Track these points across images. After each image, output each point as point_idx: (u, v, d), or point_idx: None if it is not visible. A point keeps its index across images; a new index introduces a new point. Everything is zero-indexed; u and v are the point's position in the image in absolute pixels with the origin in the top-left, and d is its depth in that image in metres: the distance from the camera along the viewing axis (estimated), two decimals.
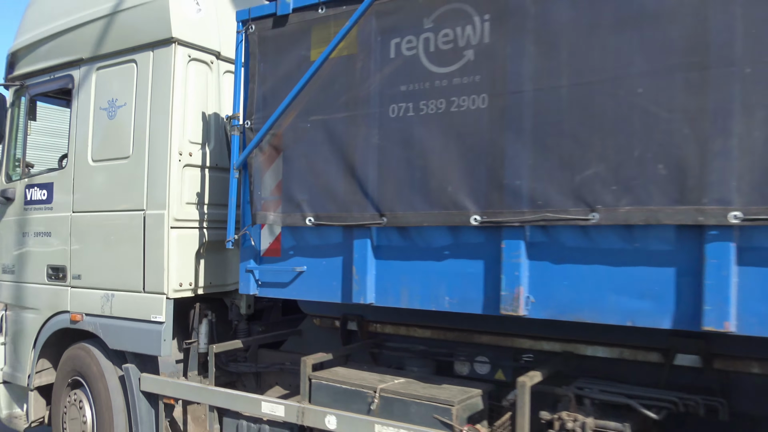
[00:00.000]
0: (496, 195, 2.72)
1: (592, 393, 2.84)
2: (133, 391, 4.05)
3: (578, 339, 3.16)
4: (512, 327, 3.28)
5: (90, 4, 4.36)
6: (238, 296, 4.30)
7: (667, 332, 2.66)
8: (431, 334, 3.66)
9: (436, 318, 3.49)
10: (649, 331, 2.51)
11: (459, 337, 3.54)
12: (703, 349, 2.82)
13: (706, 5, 2.29)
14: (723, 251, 2.27)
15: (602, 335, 3.04)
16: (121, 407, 4.15)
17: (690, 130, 2.31)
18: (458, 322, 3.47)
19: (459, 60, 2.86)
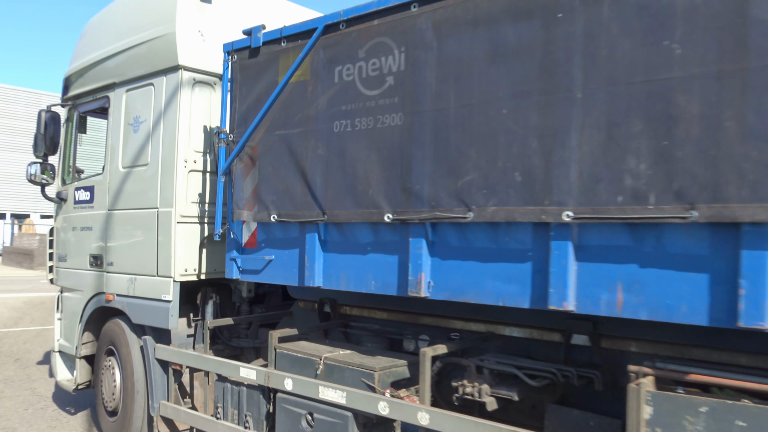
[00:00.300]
0: (404, 197, 3.30)
1: (489, 364, 3.37)
2: (149, 358, 4.89)
3: (498, 321, 3.66)
4: (447, 310, 3.81)
5: (121, 37, 5.24)
6: (241, 282, 5.06)
7: (565, 315, 3.13)
8: (387, 315, 4.25)
9: (393, 302, 4.07)
10: (551, 314, 2.97)
11: (408, 318, 4.10)
12: (591, 330, 3.26)
13: (550, 45, 2.78)
14: (562, 244, 2.76)
15: (516, 318, 3.53)
16: (141, 372, 5.00)
17: (537, 144, 2.80)
18: (407, 306, 4.04)
19: (383, 85, 3.45)
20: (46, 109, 5.81)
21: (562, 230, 2.76)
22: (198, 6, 4.82)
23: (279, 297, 5.47)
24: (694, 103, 2.40)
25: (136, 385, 5.01)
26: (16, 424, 5.87)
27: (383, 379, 3.52)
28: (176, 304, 4.70)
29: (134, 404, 5.01)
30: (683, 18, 2.43)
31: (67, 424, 5.90)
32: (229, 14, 5.02)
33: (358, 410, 3.50)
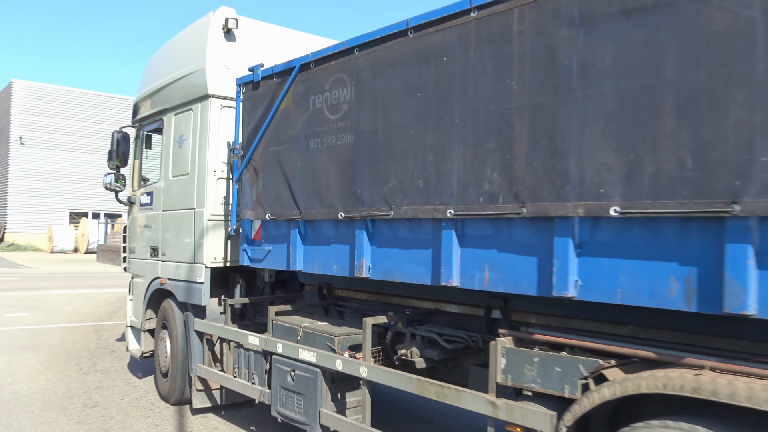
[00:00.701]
0: (351, 199, 4.22)
1: (418, 331, 4.22)
2: (189, 330, 6.10)
3: (443, 299, 4.48)
4: (407, 291, 4.67)
5: (169, 71, 6.50)
6: (263, 269, 6.15)
7: (487, 294, 3.94)
8: (366, 296, 5.18)
9: (369, 285, 4.98)
10: (477, 293, 3.76)
11: (381, 298, 5.01)
12: (502, 306, 4.03)
13: (439, 81, 3.61)
14: (448, 234, 3.58)
15: (454, 297, 4.35)
16: (184, 341, 6.22)
17: (432, 158, 3.64)
18: (380, 288, 4.94)
19: (341, 111, 4.39)
20: (118, 130, 7.21)
21: (448, 224, 3.58)
22: (224, 44, 5.96)
23: (297, 282, 6.52)
24: (524, 127, 3.17)
25: (179, 353, 6.25)
26: (113, 412, 6.18)
27: (342, 343, 4.46)
28: (207, 286, 5.86)
29: (178, 367, 6.25)
30: (517, 62, 3.20)
31: (159, 414, 6.20)
32: (252, 47, 6.10)
33: (324, 367, 4.47)
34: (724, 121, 2.46)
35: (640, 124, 2.72)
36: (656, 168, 2.66)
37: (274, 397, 4.92)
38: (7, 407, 6.28)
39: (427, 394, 3.75)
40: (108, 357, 8.75)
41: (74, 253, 34.28)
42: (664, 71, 2.64)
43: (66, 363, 8.30)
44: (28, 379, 7.44)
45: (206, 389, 6.07)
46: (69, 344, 9.58)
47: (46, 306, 13.69)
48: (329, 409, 4.49)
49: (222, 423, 5.94)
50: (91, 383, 7.29)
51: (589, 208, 2.89)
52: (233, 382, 5.49)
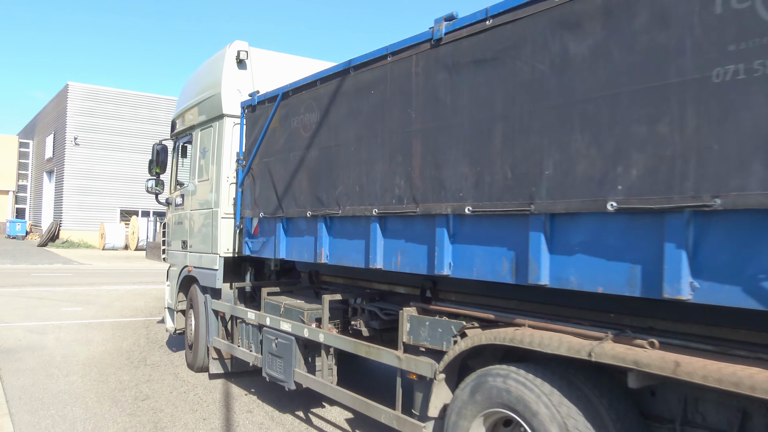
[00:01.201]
0: (316, 201, 5.31)
1: (366, 306, 5.26)
2: (208, 309, 7.36)
3: (395, 282, 5.50)
4: (371, 276, 5.69)
5: (196, 94, 7.81)
6: (269, 259, 7.33)
7: (422, 277, 4.95)
8: (342, 281, 6.26)
9: (346, 271, 6.06)
10: (417, 276, 4.73)
11: (352, 282, 6.06)
12: (431, 287, 5.02)
13: (369, 108, 4.65)
14: (375, 229, 4.61)
15: (403, 280, 5.35)
16: (204, 319, 7.49)
17: (365, 168, 4.68)
18: (353, 274, 6.01)
19: (310, 130, 5.49)
20: (158, 143, 8.60)
21: (374, 220, 4.62)
22: (236, 72, 7.19)
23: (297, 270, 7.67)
24: (418, 146, 4.17)
25: (200, 328, 7.52)
26: (162, 405, 6.42)
27: (310, 315, 5.57)
28: (221, 272, 7.09)
29: (200, 340, 7.52)
30: (414, 96, 4.21)
31: (207, 408, 6.39)
32: (260, 73, 7.31)
33: (296, 335, 5.58)
34: (527, 144, 3.40)
35: (482, 145, 3.69)
36: (491, 178, 3.62)
37: (264, 361, 6.08)
38: (63, 398, 6.61)
39: (360, 352, 4.80)
40: (157, 351, 9.08)
41: (125, 250, 35.49)
42: (496, 106, 3.60)
43: (117, 356, 8.69)
44: (82, 371, 7.80)
45: (220, 358, 7.32)
46: (120, 338, 10.02)
47: (99, 301, 14.41)
48: (302, 369, 5.60)
49: (267, 418, 6.13)
50: (142, 377, 7.59)
51: (454, 207, 3.87)
52: (237, 350, 6.69)
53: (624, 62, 2.94)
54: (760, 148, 2.44)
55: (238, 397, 6.72)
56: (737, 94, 2.51)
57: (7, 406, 6.20)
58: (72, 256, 29.73)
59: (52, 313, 12.41)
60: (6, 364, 8.02)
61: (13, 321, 11.37)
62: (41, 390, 6.88)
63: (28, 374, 7.57)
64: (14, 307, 12.95)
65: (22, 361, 8.19)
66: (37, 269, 22.65)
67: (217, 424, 5.89)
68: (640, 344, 3.01)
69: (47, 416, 5.99)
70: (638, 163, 2.87)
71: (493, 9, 3.63)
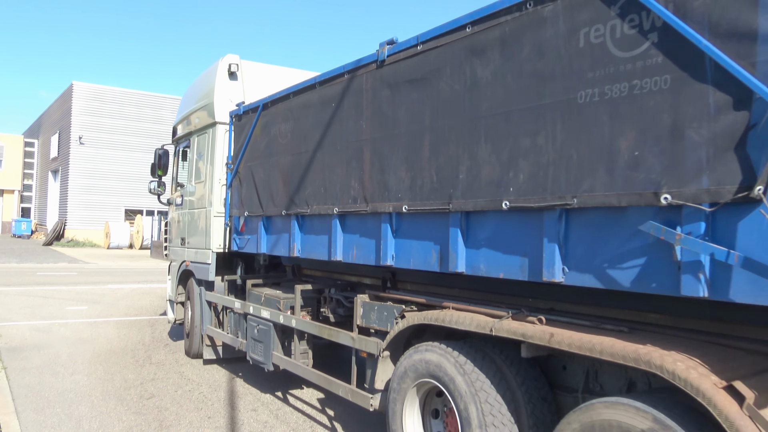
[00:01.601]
0: (288, 201, 5.95)
1: (333, 295, 5.88)
2: (202, 300, 8.04)
3: (363, 274, 6.11)
4: (344, 269, 6.32)
5: (193, 103, 8.50)
6: (259, 254, 7.98)
7: (384, 269, 5.56)
8: (320, 273, 6.90)
9: (322, 264, 6.71)
10: (378, 268, 5.34)
11: (328, 275, 6.70)
12: (391, 277, 5.62)
13: (326, 121, 5.28)
14: (336, 226, 5.23)
15: (369, 272, 5.97)
16: (199, 309, 8.17)
17: (328, 172, 5.30)
18: (329, 267, 6.64)
19: (287, 137, 6.12)
20: (160, 147, 9.30)
21: (335, 218, 5.23)
22: (228, 83, 7.86)
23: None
24: (368, 153, 4.78)
25: (195, 317, 8.21)
26: (167, 404, 6.43)
27: (286, 303, 6.20)
28: (213, 266, 7.76)
29: (195, 329, 8.21)
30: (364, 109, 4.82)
31: (212, 406, 6.43)
32: (249, 84, 7.97)
33: (274, 321, 6.22)
34: (447, 153, 4.00)
35: (415, 153, 4.29)
36: (422, 181, 4.23)
37: (248, 346, 6.73)
38: (68, 396, 6.63)
39: (323, 334, 5.43)
40: (162, 350, 9.13)
41: (129, 249, 35.54)
42: (425, 120, 4.21)
43: (122, 355, 8.72)
44: (87, 370, 7.82)
45: (213, 345, 7.99)
46: (125, 337, 10.07)
47: (104, 300, 14.44)
48: (279, 352, 6.24)
49: (271, 417, 6.16)
50: (147, 375, 7.63)
51: (395, 206, 4.48)
52: (225, 336, 7.36)
53: (514, 85, 3.53)
54: (603, 157, 3.02)
55: (242, 396, 6.83)
56: (592, 113, 3.09)
57: (13, 405, 6.26)
58: (77, 255, 29.64)
59: (58, 311, 12.52)
60: (12, 362, 8.11)
61: (19, 320, 11.45)
62: (47, 388, 6.94)
63: (34, 373, 7.63)
64: (20, 306, 13.07)
65: (28, 360, 8.28)
66: (43, 268, 22.74)
67: (221, 423, 5.94)
68: (531, 321, 3.59)
69: (53, 414, 6.05)
70: (524, 169, 3.46)
71: (422, 36, 4.24)
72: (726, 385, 2.59)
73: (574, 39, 3.20)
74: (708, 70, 2.61)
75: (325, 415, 6.37)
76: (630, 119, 2.91)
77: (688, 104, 2.67)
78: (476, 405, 3.71)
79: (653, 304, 3.35)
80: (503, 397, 3.74)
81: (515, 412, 3.74)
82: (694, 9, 2.67)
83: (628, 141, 2.91)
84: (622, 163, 2.93)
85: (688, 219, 2.69)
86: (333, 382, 5.27)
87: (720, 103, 2.57)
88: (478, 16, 3.77)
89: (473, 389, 3.75)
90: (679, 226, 2.71)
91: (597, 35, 3.09)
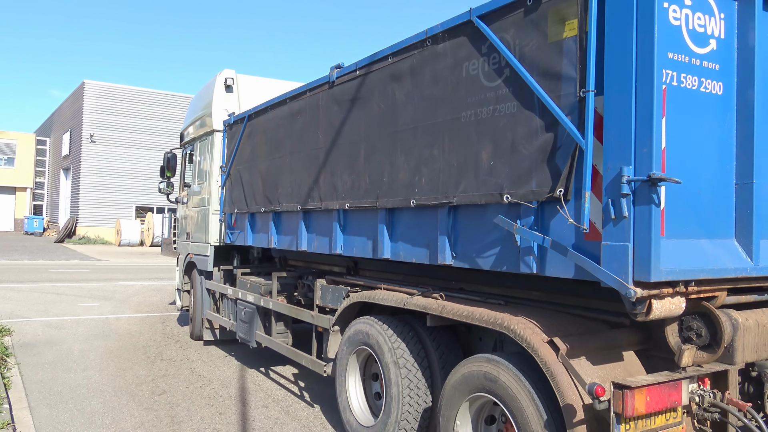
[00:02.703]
0: (267, 200, 6.86)
1: (304, 281, 6.78)
2: (202, 288, 9.03)
3: (332, 263, 7.00)
4: (319, 259, 7.22)
5: (196, 112, 9.49)
6: (252, 247, 8.93)
7: (348, 258, 6.44)
8: (302, 264, 7.81)
9: (303, 256, 7.61)
10: (345, 258, 6.23)
11: (308, 264, 7.61)
12: (353, 266, 6.49)
13: (297, 130, 6.17)
14: (300, 221, 6.11)
15: (337, 261, 6.85)
16: (200, 296, 9.16)
17: (295, 175, 6.20)
18: (309, 258, 7.54)
19: (265, 145, 7.03)
20: (168, 151, 10.33)
21: (300, 214, 6.13)
22: (224, 95, 8.81)
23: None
24: (322, 159, 5.66)
25: (197, 303, 9.21)
26: (179, 400, 6.44)
27: (266, 289, 7.12)
28: (212, 257, 8.73)
29: (197, 313, 9.21)
30: (321, 122, 5.70)
31: (223, 403, 6.44)
32: (244, 95, 8.90)
33: (256, 304, 7.15)
34: (376, 160, 4.86)
35: (355, 160, 5.16)
36: (359, 183, 5.09)
37: (237, 327, 7.67)
38: (81, 392, 6.65)
39: (291, 314, 6.35)
40: (173, 346, 9.16)
41: (140, 246, 35.37)
42: (361, 132, 5.07)
43: (134, 351, 8.74)
44: (99, 366, 7.85)
45: (211, 328, 8.97)
46: (137, 333, 10.08)
47: (115, 297, 14.43)
48: (260, 331, 7.17)
49: (282, 413, 6.11)
50: (158, 371, 7.64)
51: (340, 204, 5.35)
52: (220, 319, 8.33)
53: (419, 105, 4.38)
54: (472, 165, 3.85)
55: (253, 393, 6.85)
56: (468, 130, 3.93)
57: (26, 400, 6.30)
58: (88, 252, 29.51)
59: (70, 308, 12.62)
60: (25, 358, 8.16)
61: (32, 316, 11.50)
62: (60, 384, 6.98)
63: (47, 368, 7.66)
64: (33, 303, 13.15)
65: (41, 356, 8.32)
66: (55, 265, 22.73)
67: (233, 419, 5.95)
68: (435, 297, 4.43)
69: (66, 410, 6.07)
70: (425, 174, 4.30)
71: (360, 62, 5.10)
72: (548, 340, 3.41)
73: (458, 70, 4.04)
74: (535, 101, 3.43)
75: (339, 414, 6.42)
76: (489, 136, 3.74)
77: (522, 126, 3.50)
78: (394, 360, 4.56)
79: (529, 284, 4.14)
80: (418, 355, 4.58)
81: (428, 368, 4.57)
82: (525, 53, 3.49)
83: (487, 153, 3.74)
84: (483, 170, 3.77)
85: (524, 214, 3.51)
86: (299, 354, 6.17)
87: (539, 126, 3.39)
88: (396, 49, 4.62)
89: (391, 348, 4.60)
90: (519, 219, 3.53)
91: (473, 68, 3.93)
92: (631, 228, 2.90)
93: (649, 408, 2.98)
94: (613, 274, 2.94)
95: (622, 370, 3.44)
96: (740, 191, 3.27)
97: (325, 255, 6.06)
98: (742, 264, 3.22)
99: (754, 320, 3.43)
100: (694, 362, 3.29)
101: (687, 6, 3.06)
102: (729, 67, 3.26)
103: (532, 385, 3.41)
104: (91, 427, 5.62)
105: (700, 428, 3.36)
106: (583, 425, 3.13)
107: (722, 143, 3.25)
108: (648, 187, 2.84)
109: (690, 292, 3.08)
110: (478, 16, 3.80)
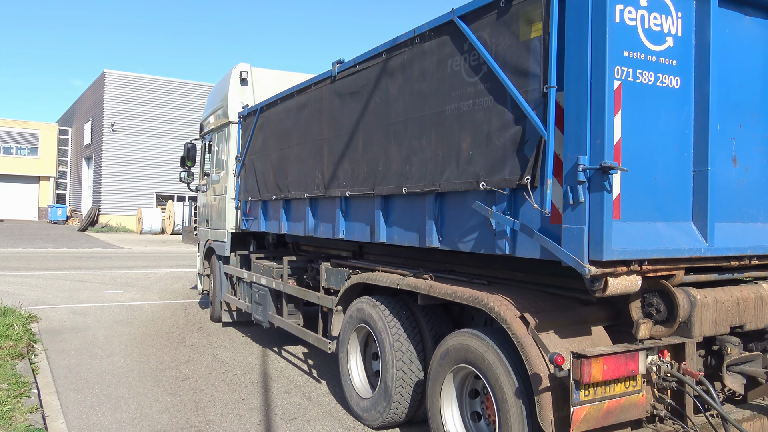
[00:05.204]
0: (277, 189, 7.24)
1: (313, 265, 7.17)
2: (221, 272, 9.50)
3: (341, 248, 7.36)
4: (329, 244, 7.60)
5: (213, 104, 9.91)
6: (268, 233, 9.36)
7: (354, 243, 6.81)
8: (312, 248, 8.20)
9: (314, 241, 8.00)
10: (351, 243, 6.61)
11: (318, 249, 7.99)
12: (358, 250, 6.85)
13: (304, 121, 6.53)
14: (307, 208, 6.49)
15: (343, 246, 7.22)
16: (219, 280, 9.64)
17: (302, 164, 6.56)
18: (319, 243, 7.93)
19: (276, 136, 7.41)
20: (189, 142, 10.79)
21: (307, 201, 6.50)
22: (239, 88, 9.21)
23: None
24: (326, 150, 6.01)
25: (216, 287, 9.69)
26: (202, 386, 6.54)
27: (278, 272, 7.53)
28: (229, 243, 9.17)
29: (216, 296, 9.70)
30: (324, 114, 6.05)
31: (245, 388, 6.48)
32: (259, 87, 9.29)
33: (269, 287, 7.57)
34: (373, 150, 5.19)
35: (354, 150, 5.50)
36: (358, 172, 5.43)
37: (252, 308, 8.11)
38: (107, 378, 6.77)
39: (300, 295, 6.74)
40: (196, 333, 9.22)
41: (161, 234, 35.49)
42: (360, 124, 5.40)
43: (158, 338, 8.80)
44: (124, 352, 7.95)
45: (229, 310, 9.44)
46: (160, 320, 10.14)
47: (138, 284, 14.63)
48: (273, 312, 7.59)
49: (305, 399, 6.15)
50: (182, 357, 7.71)
51: (342, 192, 5.70)
52: (237, 301, 8.79)
53: (409, 99, 4.69)
54: (454, 155, 4.16)
55: (275, 379, 6.90)
56: (452, 122, 4.23)
57: (54, 385, 6.43)
58: (111, 240, 29.85)
59: (94, 295, 12.80)
60: (52, 344, 8.30)
61: (57, 303, 11.68)
62: (86, 369, 7.10)
63: (73, 354, 7.80)
64: (58, 290, 13.34)
65: (67, 342, 8.46)
66: (78, 253, 23.07)
67: (255, 404, 5.99)
68: (425, 278, 4.76)
69: (92, 395, 6.17)
70: (415, 163, 4.62)
71: (358, 58, 5.42)
72: (520, 315, 3.72)
73: (443, 66, 4.33)
74: (507, 95, 3.72)
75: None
76: (469, 128, 4.04)
77: (496, 119, 3.80)
78: (387, 335, 4.92)
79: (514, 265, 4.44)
80: (412, 332, 4.93)
81: (421, 343, 4.93)
82: (499, 52, 3.78)
83: (467, 143, 4.05)
84: (463, 160, 4.07)
85: (498, 200, 3.81)
86: (307, 333, 6.57)
87: (510, 119, 3.68)
88: (389, 46, 4.93)
89: (386, 325, 4.95)
90: (494, 205, 3.84)
91: (456, 64, 4.22)
92: (587, 212, 3.20)
93: (606, 375, 3.28)
94: (572, 254, 3.23)
95: (588, 343, 3.74)
96: (697, 178, 3.53)
97: (331, 240, 6.41)
98: (697, 245, 3.49)
99: (713, 297, 3.70)
100: (651, 335, 3.58)
101: (643, 7, 3.32)
102: (687, 63, 3.51)
103: (506, 356, 3.74)
104: (117, 411, 5.73)
105: (660, 396, 3.65)
106: (548, 392, 3.45)
107: (680, 133, 3.51)
108: (600, 174, 3.13)
109: (645, 270, 3.36)
110: (459, 16, 4.09)
